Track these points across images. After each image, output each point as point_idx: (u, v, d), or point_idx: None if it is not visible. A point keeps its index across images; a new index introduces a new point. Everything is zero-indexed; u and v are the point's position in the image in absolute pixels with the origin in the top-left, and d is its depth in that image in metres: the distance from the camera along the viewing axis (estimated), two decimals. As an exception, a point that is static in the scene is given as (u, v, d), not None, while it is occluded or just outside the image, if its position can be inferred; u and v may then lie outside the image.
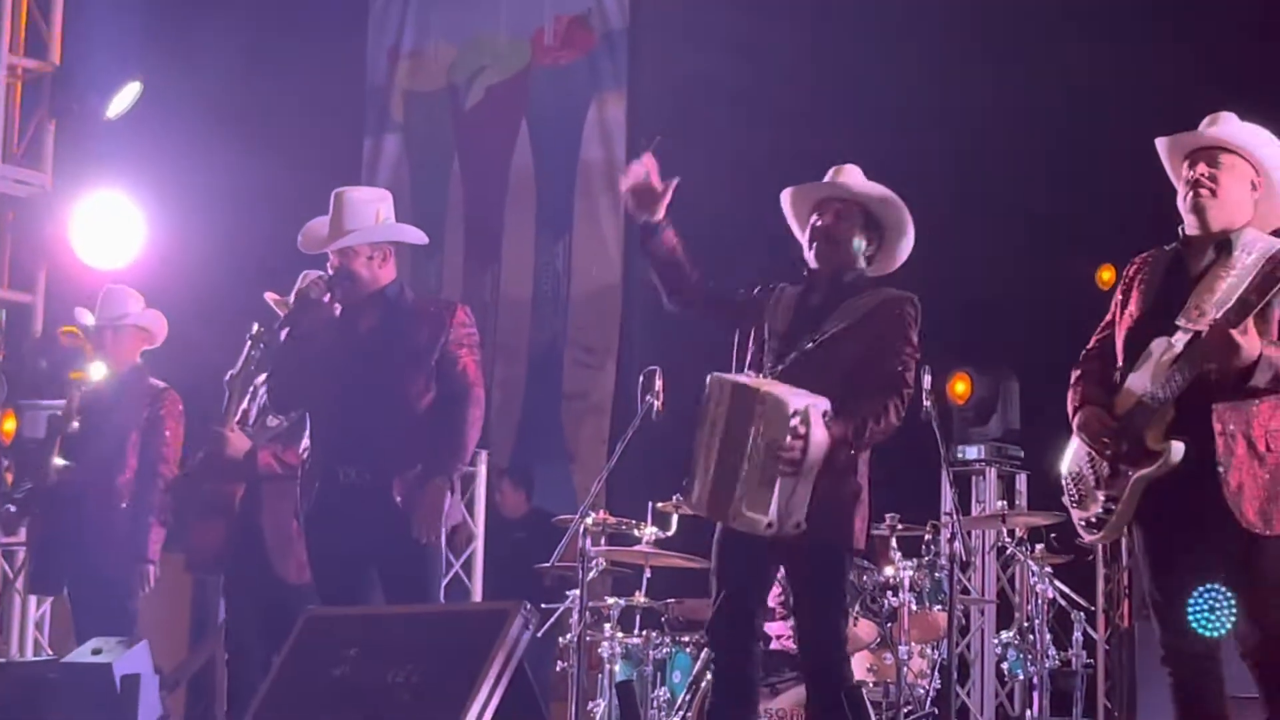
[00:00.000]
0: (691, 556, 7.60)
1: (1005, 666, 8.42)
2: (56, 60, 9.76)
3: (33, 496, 7.85)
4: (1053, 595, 8.12)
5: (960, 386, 9.71)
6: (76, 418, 7.67)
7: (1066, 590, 8.23)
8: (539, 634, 5.13)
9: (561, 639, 8.16)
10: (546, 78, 12.44)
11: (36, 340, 9.35)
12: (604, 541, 7.94)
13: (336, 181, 6.60)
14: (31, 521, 7.96)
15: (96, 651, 6.48)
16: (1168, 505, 4.93)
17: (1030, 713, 8.28)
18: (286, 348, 6.22)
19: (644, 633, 7.79)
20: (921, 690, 7.38)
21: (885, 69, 9.93)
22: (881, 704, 7.27)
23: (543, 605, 7.90)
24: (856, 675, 5.96)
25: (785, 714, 6.92)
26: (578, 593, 7.27)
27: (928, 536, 7.86)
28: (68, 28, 9.82)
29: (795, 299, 5.49)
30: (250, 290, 7.25)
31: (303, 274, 6.87)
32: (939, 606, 7.50)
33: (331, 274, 6.16)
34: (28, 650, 9.18)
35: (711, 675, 5.68)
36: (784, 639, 7.46)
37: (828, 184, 5.57)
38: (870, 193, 5.53)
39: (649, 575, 7.98)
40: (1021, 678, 8.41)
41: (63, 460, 7.64)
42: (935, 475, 8.62)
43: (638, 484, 8.29)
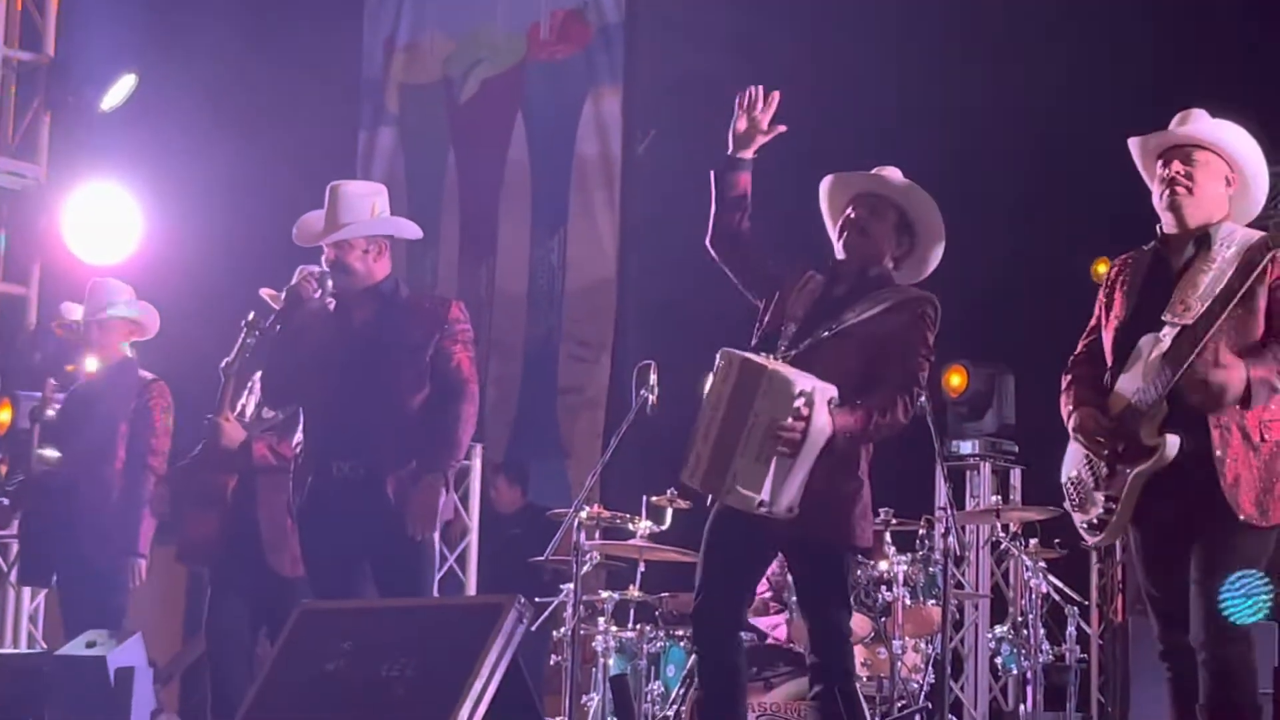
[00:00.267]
0: (686, 550, 7.60)
1: (999, 661, 8.44)
2: (51, 52, 9.73)
3: (25, 489, 7.85)
4: (1046, 590, 8.14)
5: (956, 379, 9.72)
6: (53, 406, 7.67)
7: (1060, 585, 8.24)
8: (533, 628, 5.12)
9: (555, 633, 8.17)
10: (542, 72, 12.44)
11: (31, 333, 9.34)
12: (598, 535, 7.94)
13: (331, 174, 6.59)
14: (23, 513, 7.96)
15: (91, 645, 6.48)
16: (1165, 501, 4.94)
17: (1024, 707, 8.30)
18: (279, 343, 6.22)
19: (638, 626, 7.79)
20: (915, 684, 7.38)
21: (883, 65, 9.93)
22: (875, 698, 7.27)
23: (537, 599, 7.90)
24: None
25: (780, 708, 6.92)
26: (572, 586, 7.28)
27: (922, 531, 7.86)
28: (62, 20, 9.79)
29: (820, 288, 5.48)
30: (245, 283, 7.25)
31: (299, 268, 6.87)
32: (933, 601, 7.50)
33: (326, 267, 6.15)
34: (21, 643, 9.17)
35: (697, 665, 5.67)
36: (777, 629, 7.47)
37: (869, 176, 5.55)
38: (909, 194, 5.50)
39: (643, 569, 7.97)
40: (1015, 672, 8.43)
41: (55, 452, 7.64)
42: (930, 469, 8.65)
43: (632, 478, 8.30)
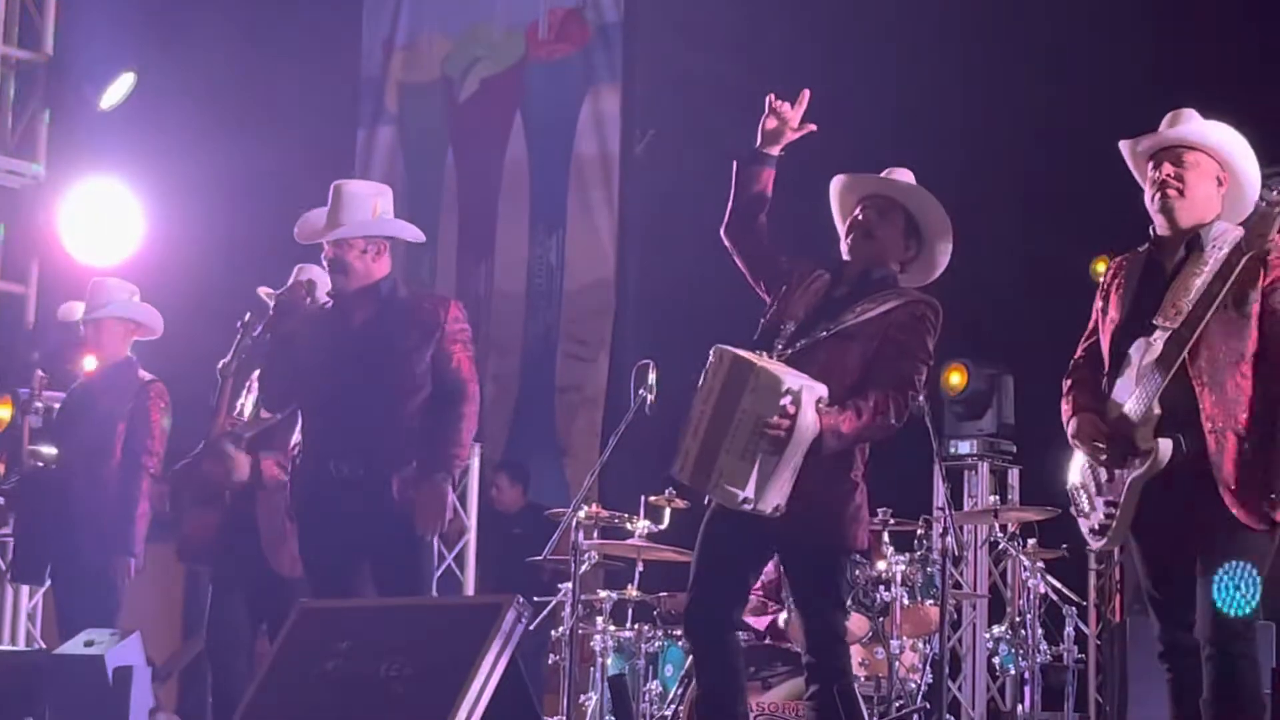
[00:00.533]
0: (684, 550, 7.58)
1: (997, 661, 8.44)
2: (50, 51, 9.74)
3: (20, 487, 7.85)
4: (1045, 590, 8.14)
5: (956, 378, 9.71)
6: (41, 400, 7.67)
7: (1058, 585, 8.24)
8: (531, 627, 5.13)
9: (554, 632, 8.17)
10: (541, 71, 12.44)
11: (29, 331, 9.35)
12: (596, 535, 7.94)
13: (330, 173, 6.59)
14: (18, 511, 7.96)
15: (89, 644, 6.48)
16: (1166, 504, 4.95)
17: (1021, 707, 8.29)
18: (277, 346, 6.22)
19: (636, 626, 7.79)
20: (913, 684, 7.38)
21: (884, 65, 9.93)
22: (873, 698, 7.27)
23: (535, 598, 7.90)
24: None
25: (777, 708, 6.92)
26: (570, 586, 7.28)
27: (920, 531, 7.86)
28: (61, 18, 9.79)
29: (824, 287, 5.48)
30: (244, 281, 7.24)
31: (296, 267, 6.88)
32: (931, 601, 7.50)
33: (325, 265, 6.16)
34: (19, 642, 9.17)
35: (693, 664, 5.67)
36: (774, 623, 7.47)
37: (878, 179, 5.53)
38: (918, 198, 5.49)
39: (641, 569, 7.98)
40: (1013, 672, 8.43)
41: (51, 449, 7.65)
42: (928, 470, 8.66)
43: (630, 477, 8.30)
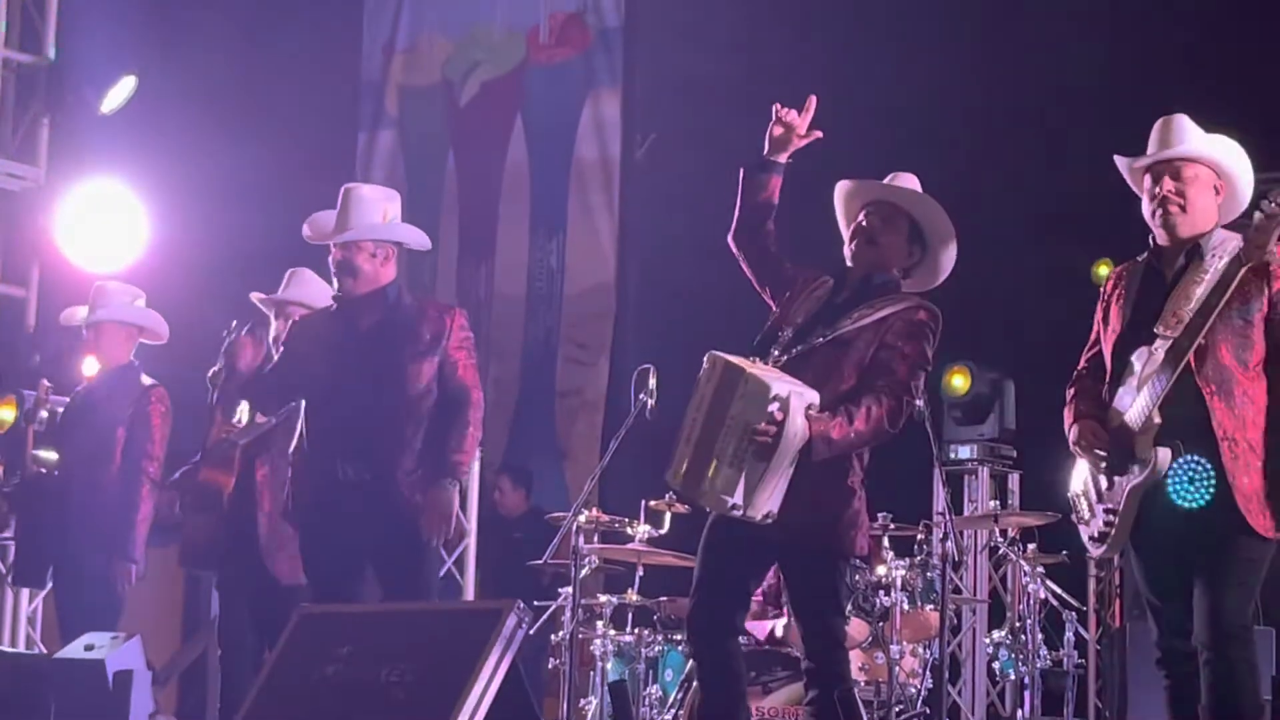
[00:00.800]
0: (684, 555, 7.60)
1: (997, 666, 8.44)
2: (51, 54, 9.74)
3: (22, 490, 7.86)
4: (1044, 595, 8.14)
5: (958, 380, 9.70)
6: (46, 407, 7.67)
7: (1058, 590, 8.24)
8: (531, 631, 5.13)
9: (554, 636, 8.17)
10: (541, 74, 12.44)
11: (30, 335, 9.35)
12: (597, 539, 7.94)
13: (330, 176, 6.61)
14: (19, 515, 7.97)
15: (89, 647, 6.48)
16: (1168, 511, 4.95)
17: (1021, 712, 8.29)
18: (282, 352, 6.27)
19: (636, 630, 7.79)
20: (913, 689, 7.38)
21: (884, 69, 9.93)
22: (873, 703, 7.28)
23: (535, 602, 7.91)
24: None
25: (777, 712, 6.93)
26: (570, 590, 7.28)
27: (920, 536, 7.87)
28: (62, 22, 9.79)
29: (826, 294, 5.47)
30: (245, 285, 7.25)
31: (289, 271, 6.90)
32: (931, 606, 7.51)
33: (333, 267, 6.16)
34: (20, 645, 9.17)
35: (695, 670, 5.67)
36: (773, 629, 7.47)
37: (881, 185, 5.52)
38: (922, 204, 5.48)
39: (641, 573, 7.98)
40: (1013, 677, 8.43)
41: (53, 454, 7.65)
42: (928, 474, 8.66)
43: (630, 482, 8.30)
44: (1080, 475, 5.23)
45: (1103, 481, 5.10)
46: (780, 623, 7.40)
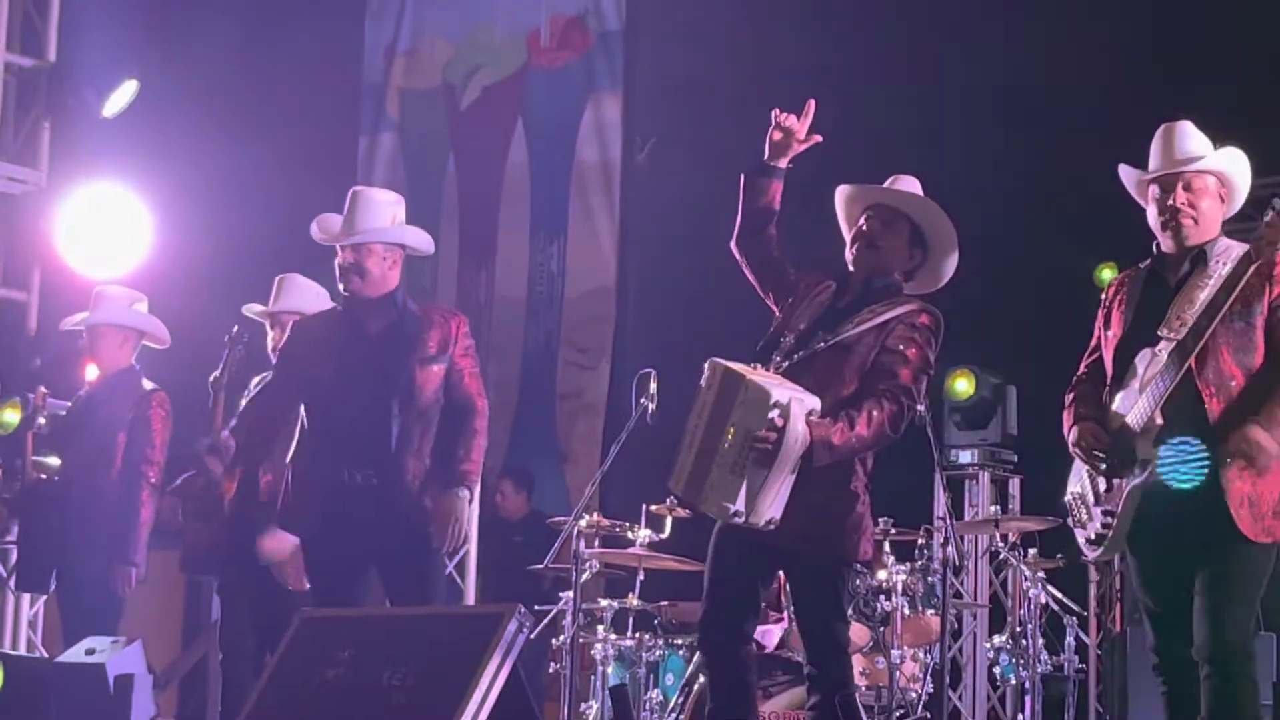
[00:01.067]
0: (685, 559, 7.60)
1: (997, 671, 8.43)
2: (53, 58, 9.74)
3: (23, 495, 7.86)
4: (1045, 600, 8.13)
5: (962, 384, 9.68)
6: (45, 413, 7.68)
7: (1059, 595, 8.24)
8: (532, 635, 5.13)
9: (555, 640, 8.16)
10: (542, 78, 12.45)
11: (31, 338, 9.35)
12: (597, 543, 7.94)
13: (331, 179, 6.62)
14: (21, 520, 7.97)
15: (90, 652, 6.49)
16: (1165, 515, 4.95)
17: (1022, 717, 8.28)
18: (286, 359, 6.27)
19: (637, 635, 7.79)
20: (914, 694, 7.38)
21: (884, 73, 9.93)
22: (874, 708, 7.27)
23: (536, 606, 7.90)
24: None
25: (779, 717, 6.92)
26: (571, 594, 7.28)
27: (921, 541, 7.86)
28: (64, 25, 9.80)
29: (828, 298, 5.46)
30: (246, 289, 7.25)
31: (279, 278, 6.90)
32: (932, 611, 7.50)
33: (340, 269, 6.14)
34: (20, 650, 9.16)
35: (707, 678, 5.67)
36: (766, 635, 7.46)
37: (881, 189, 5.52)
38: (922, 207, 5.47)
39: (642, 578, 7.98)
40: (1014, 682, 8.43)
41: (54, 459, 7.65)
42: (929, 479, 8.65)
43: (631, 486, 8.29)
44: (1077, 478, 5.23)
45: (1101, 484, 5.11)
46: (781, 627, 7.39)
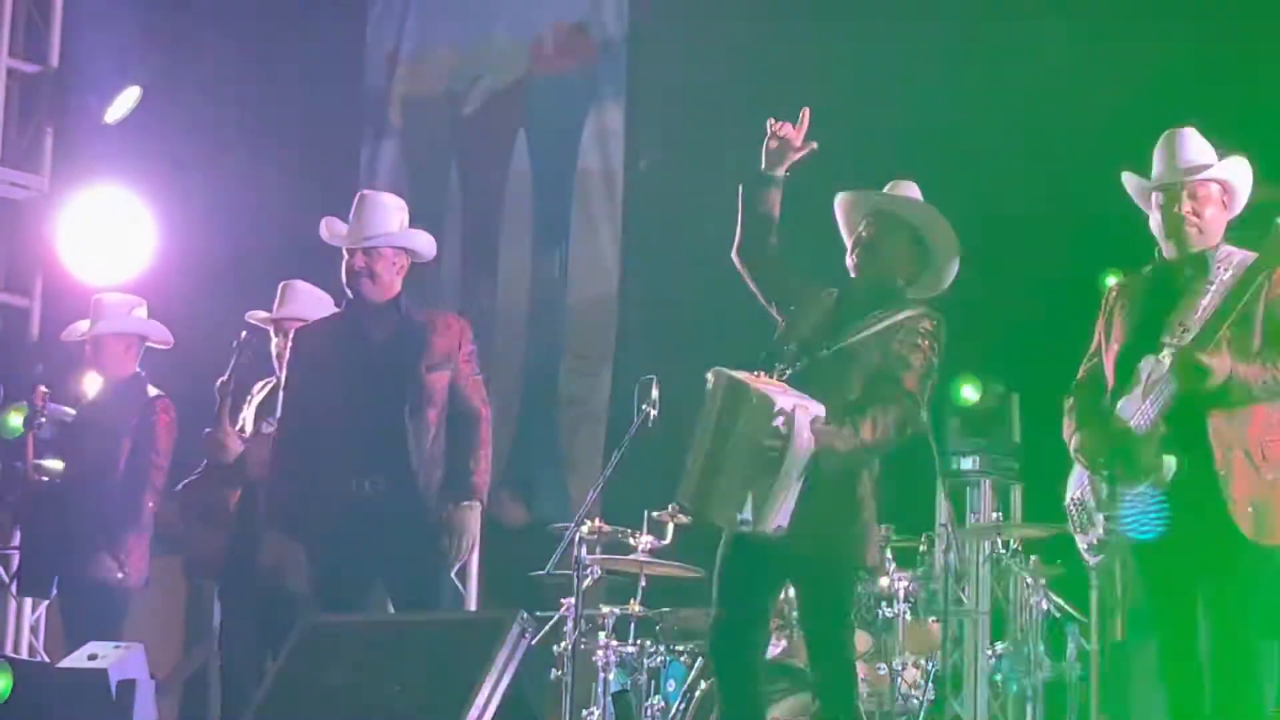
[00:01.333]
0: (687, 566, 7.61)
1: (999, 678, 8.44)
2: (55, 63, 9.76)
3: (26, 500, 7.87)
4: (1047, 606, 8.14)
5: (968, 389, 9.64)
6: (43, 417, 7.70)
7: (1061, 602, 8.24)
8: (534, 642, 5.13)
9: (556, 647, 8.16)
10: (545, 86, 12.45)
11: (33, 344, 9.36)
12: (599, 550, 7.94)
13: (334, 187, 6.63)
14: (24, 525, 7.98)
15: (92, 657, 6.48)
16: (1167, 521, 4.96)
17: (1023, 724, 8.30)
18: (296, 367, 6.28)
19: (638, 641, 7.79)
20: (915, 701, 7.38)
21: (888, 82, 9.93)
22: (875, 714, 7.28)
23: (538, 613, 7.90)
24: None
25: (780, 724, 6.92)
26: (573, 601, 7.28)
27: (923, 548, 7.87)
28: (66, 30, 9.81)
29: (831, 306, 5.48)
30: (248, 296, 7.26)
31: (282, 284, 6.90)
32: (933, 618, 7.51)
33: (349, 273, 6.14)
34: (22, 655, 9.16)
35: (716, 689, 5.67)
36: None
37: (880, 195, 5.54)
38: (921, 212, 5.49)
39: (644, 584, 7.98)
40: (1015, 689, 8.42)
41: (58, 463, 7.66)
42: (930, 486, 8.65)
43: (633, 492, 8.29)
44: (1078, 483, 5.24)
45: (1102, 489, 5.11)
46: (784, 634, 7.40)
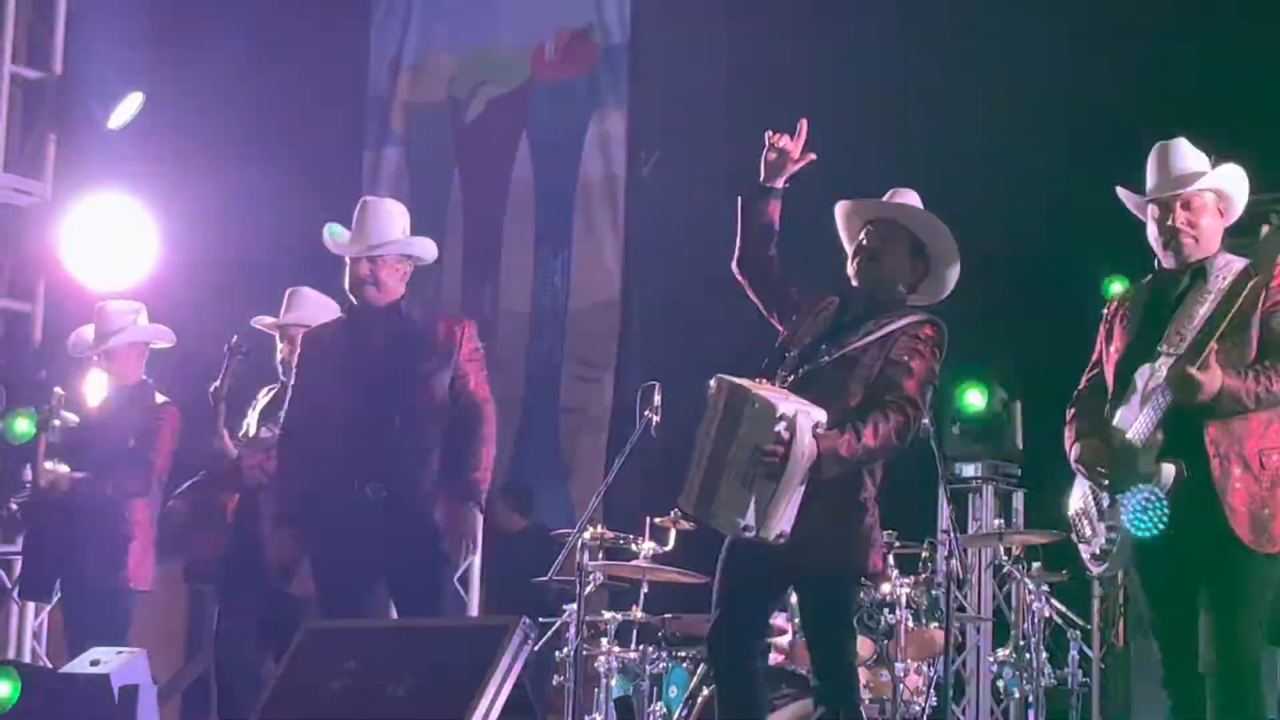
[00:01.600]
0: (689, 572, 7.60)
1: (1001, 684, 8.44)
2: (58, 70, 9.76)
3: (31, 504, 7.88)
4: (1049, 613, 8.14)
5: (972, 396, 9.64)
6: (57, 421, 7.70)
7: (1063, 608, 8.24)
8: (536, 648, 5.14)
9: (559, 653, 8.17)
10: (547, 92, 12.46)
11: (36, 350, 9.36)
12: (601, 556, 7.94)
13: (337, 193, 6.63)
14: (27, 529, 7.99)
15: (95, 662, 6.49)
16: (1168, 530, 4.95)
17: (1025, 730, 8.30)
18: (301, 371, 6.28)
19: (640, 647, 7.78)
20: (917, 707, 7.38)
21: (889, 88, 9.95)
22: (877, 720, 7.28)
23: (540, 619, 7.90)
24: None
25: (781, 730, 6.91)
26: (575, 607, 7.28)
27: (925, 554, 7.87)
28: (70, 37, 9.81)
29: (832, 313, 5.48)
30: (251, 302, 7.27)
31: (289, 291, 6.91)
32: (935, 624, 7.51)
33: (353, 278, 6.15)
34: (25, 659, 9.16)
35: (717, 695, 5.67)
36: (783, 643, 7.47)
37: (879, 203, 5.54)
38: (920, 219, 5.49)
39: (646, 590, 7.98)
40: (1017, 696, 8.43)
41: (64, 467, 7.67)
42: (933, 492, 8.64)
43: (635, 499, 8.30)
44: (1080, 494, 5.25)
45: (1104, 499, 5.12)
46: (784, 639, 7.39)
